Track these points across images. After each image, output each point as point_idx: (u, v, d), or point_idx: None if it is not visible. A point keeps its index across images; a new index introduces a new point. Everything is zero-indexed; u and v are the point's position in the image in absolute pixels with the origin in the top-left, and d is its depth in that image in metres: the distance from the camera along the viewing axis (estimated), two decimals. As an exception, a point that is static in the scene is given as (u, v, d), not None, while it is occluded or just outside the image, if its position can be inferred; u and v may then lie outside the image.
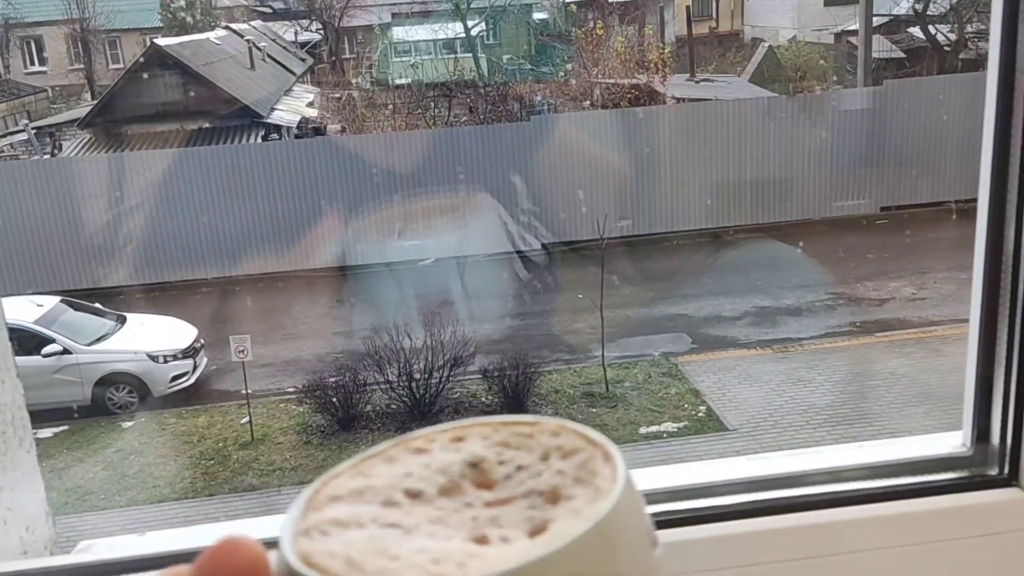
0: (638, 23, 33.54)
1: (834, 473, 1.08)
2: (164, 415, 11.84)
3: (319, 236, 16.99)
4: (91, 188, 16.85)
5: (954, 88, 17.78)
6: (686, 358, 12.43)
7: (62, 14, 36.51)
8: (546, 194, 17.27)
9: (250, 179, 16.99)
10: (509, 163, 17.27)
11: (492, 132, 18.20)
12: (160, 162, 17.19)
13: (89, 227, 16.88)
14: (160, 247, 16.77)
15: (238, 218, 16.91)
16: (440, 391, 11.18)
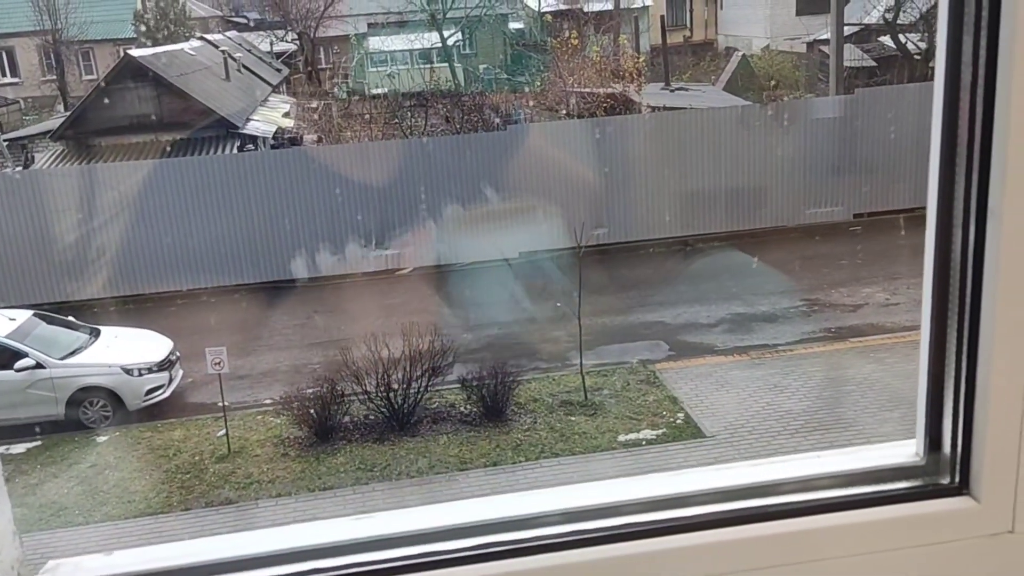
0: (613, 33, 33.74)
1: (797, 483, 1.09)
2: (139, 429, 11.73)
3: (296, 246, 16.92)
4: (64, 201, 16.69)
5: (925, 96, 17.98)
6: (663, 365, 12.48)
7: (34, 25, 36.19)
8: (521, 203, 17.30)
9: (226, 190, 16.90)
10: (485, 172, 17.29)
11: (468, 141, 18.22)
12: (134, 174, 17.07)
13: (62, 240, 16.72)
14: (134, 259, 16.64)
15: (214, 229, 16.81)
16: (418, 401, 11.15)
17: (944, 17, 0.88)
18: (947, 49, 0.87)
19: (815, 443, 10.09)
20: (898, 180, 17.71)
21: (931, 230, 0.94)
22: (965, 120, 0.87)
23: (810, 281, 15.26)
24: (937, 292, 0.94)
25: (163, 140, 20.78)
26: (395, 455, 10.50)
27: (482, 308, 14.67)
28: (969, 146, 0.87)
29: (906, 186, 17.71)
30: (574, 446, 10.44)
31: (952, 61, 0.87)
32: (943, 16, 0.88)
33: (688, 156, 17.68)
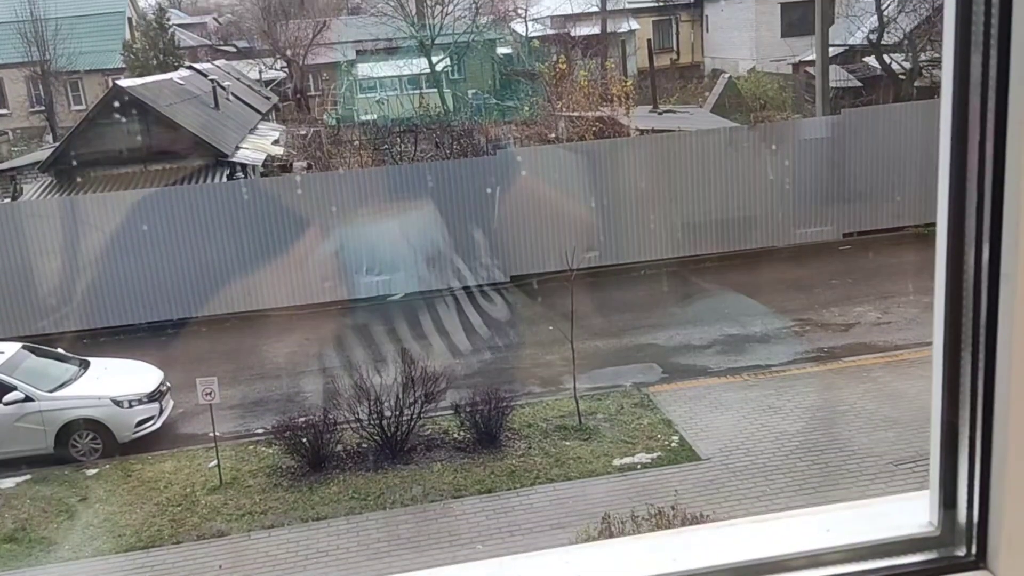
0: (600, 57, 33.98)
1: (805, 558, 1.03)
2: (129, 461, 11.60)
3: (285, 274, 16.87)
4: (52, 232, 16.62)
5: (911, 115, 18.15)
6: (657, 388, 12.44)
7: (22, 56, 36.23)
8: (513, 227, 17.32)
9: (215, 218, 16.86)
10: (475, 197, 17.31)
11: (457, 167, 18.24)
12: (124, 204, 17.02)
13: (51, 271, 16.63)
14: (125, 289, 16.56)
15: (204, 258, 16.75)
16: (411, 428, 11.07)
17: (950, 34, 0.85)
18: (954, 67, 0.85)
19: (810, 464, 10.04)
20: (886, 199, 17.80)
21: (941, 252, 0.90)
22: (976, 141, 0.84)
23: (802, 301, 15.27)
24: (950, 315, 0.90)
25: (152, 170, 20.76)
26: (388, 483, 10.40)
27: (473, 333, 14.62)
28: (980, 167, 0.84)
29: (894, 205, 17.80)
30: (569, 471, 10.36)
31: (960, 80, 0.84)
32: (948, 33, 0.85)
33: (677, 178, 17.74)
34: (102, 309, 16.58)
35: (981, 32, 0.81)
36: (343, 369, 13.33)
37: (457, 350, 13.66)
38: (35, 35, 35.65)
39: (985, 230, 0.85)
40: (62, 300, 16.55)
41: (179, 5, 61.35)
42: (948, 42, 0.84)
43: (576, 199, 17.49)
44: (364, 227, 17.14)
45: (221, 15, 52.11)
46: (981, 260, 0.85)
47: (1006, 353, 0.84)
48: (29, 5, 35.53)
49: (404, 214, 17.18)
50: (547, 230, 17.17)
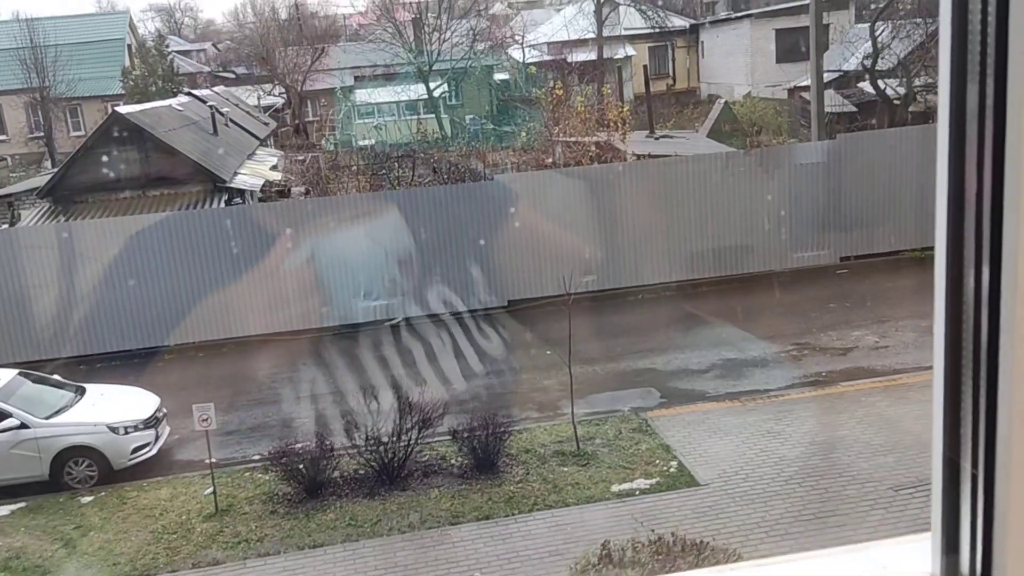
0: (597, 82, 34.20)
1: None
2: (125, 488, 11.51)
3: (284, 299, 16.85)
4: (50, 257, 16.62)
5: (905, 140, 18.25)
6: (655, 413, 12.39)
7: (21, 83, 36.42)
8: (511, 251, 17.34)
9: (214, 243, 16.87)
10: (473, 222, 17.34)
11: (455, 192, 18.29)
12: (122, 229, 17.03)
13: (48, 297, 16.61)
14: (122, 314, 16.53)
15: (202, 283, 16.74)
16: (409, 454, 11.00)
17: (946, 64, 0.85)
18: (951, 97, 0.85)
19: (810, 489, 9.99)
20: (882, 223, 17.86)
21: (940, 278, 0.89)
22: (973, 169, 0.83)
23: (799, 325, 15.27)
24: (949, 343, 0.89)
25: (150, 196, 20.81)
26: (386, 510, 10.33)
27: (470, 358, 14.58)
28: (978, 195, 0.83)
29: (890, 229, 17.86)
30: (567, 497, 10.29)
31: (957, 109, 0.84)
32: (944, 64, 0.86)
33: (674, 203, 17.79)
34: (98, 335, 16.55)
35: (977, 62, 0.81)
36: (340, 395, 13.29)
37: (454, 375, 13.61)
38: (35, 62, 35.88)
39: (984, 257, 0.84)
40: (58, 326, 16.51)
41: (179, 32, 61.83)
42: (944, 72, 0.85)
43: (573, 224, 17.52)
44: (362, 252, 17.15)
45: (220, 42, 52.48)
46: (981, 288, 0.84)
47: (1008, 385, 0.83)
48: (29, 32, 35.79)
49: (401, 240, 17.19)
50: (544, 255, 17.19)
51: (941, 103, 0.86)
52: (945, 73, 0.84)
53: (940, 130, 0.88)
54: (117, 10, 53.44)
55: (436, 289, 17.15)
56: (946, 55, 0.84)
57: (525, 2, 52.65)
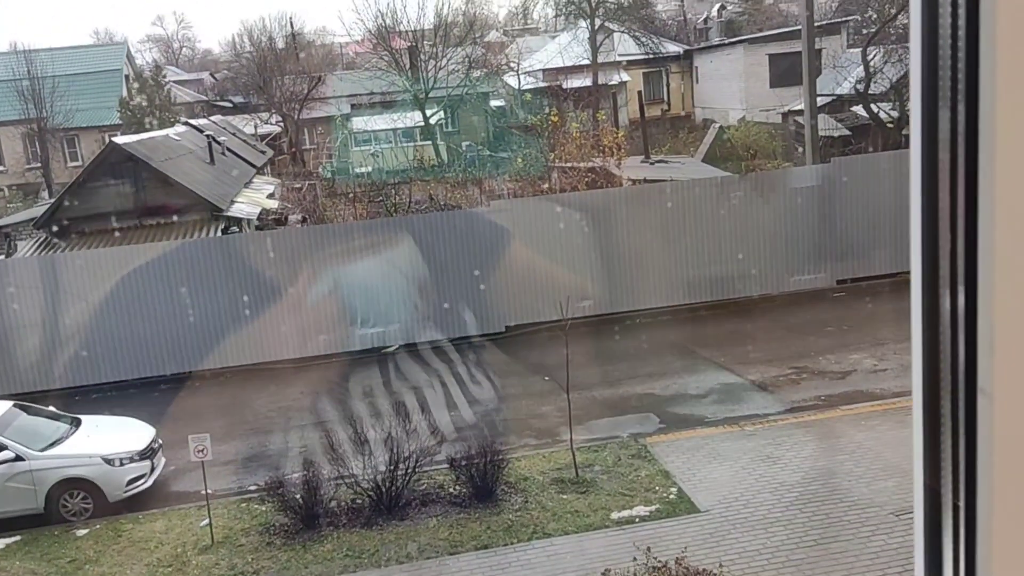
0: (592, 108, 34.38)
1: None
2: (120, 521, 11.42)
3: (281, 328, 16.82)
4: (47, 288, 16.60)
5: (899, 162, 18.32)
6: (654, 438, 12.33)
7: (19, 114, 36.57)
8: (507, 277, 17.34)
9: (210, 272, 16.86)
10: (469, 248, 17.35)
11: (452, 218, 18.32)
12: (119, 259, 17.03)
13: (45, 327, 16.57)
14: (118, 344, 16.48)
15: (199, 312, 16.71)
16: (406, 483, 10.93)
17: (916, 90, 0.84)
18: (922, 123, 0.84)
19: (810, 515, 9.91)
20: (878, 246, 17.88)
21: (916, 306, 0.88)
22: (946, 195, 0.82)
23: (797, 348, 15.24)
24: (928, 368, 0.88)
25: (147, 225, 20.82)
26: (383, 540, 10.24)
27: (468, 385, 14.53)
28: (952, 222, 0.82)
29: (886, 252, 17.86)
30: (567, 525, 10.21)
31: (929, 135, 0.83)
32: (915, 90, 0.85)
33: (671, 227, 17.82)
34: (94, 365, 16.49)
35: (948, 88, 0.81)
36: (337, 423, 13.21)
37: (452, 402, 13.56)
38: (32, 93, 36.05)
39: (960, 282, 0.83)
40: (52, 357, 16.45)
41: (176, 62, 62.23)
42: (915, 98, 0.84)
43: (569, 250, 17.54)
44: (358, 279, 17.14)
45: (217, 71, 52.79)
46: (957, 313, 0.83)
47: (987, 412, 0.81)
48: (27, 63, 35.99)
49: (398, 265, 17.20)
50: (541, 280, 17.18)
51: (913, 129, 0.85)
52: (916, 99, 0.84)
53: (912, 156, 0.87)
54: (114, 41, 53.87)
55: (433, 315, 17.13)
56: (917, 81, 0.84)
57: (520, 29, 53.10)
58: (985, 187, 0.78)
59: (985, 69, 0.76)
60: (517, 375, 15.25)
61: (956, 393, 0.84)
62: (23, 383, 16.05)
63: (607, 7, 41.10)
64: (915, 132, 0.85)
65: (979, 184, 0.78)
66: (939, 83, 0.81)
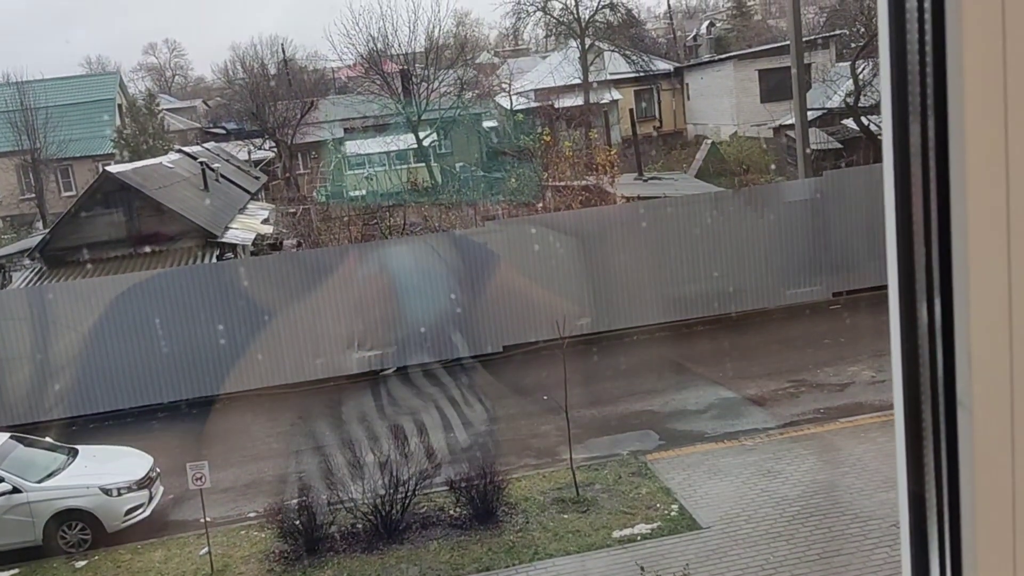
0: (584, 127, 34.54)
1: None
2: (119, 551, 11.34)
3: (275, 353, 16.79)
4: (41, 318, 16.57)
5: (891, 174, 18.38)
6: (654, 455, 12.29)
7: (12, 145, 36.65)
8: (503, 298, 17.34)
9: (206, 299, 16.84)
10: (464, 269, 17.36)
11: (445, 239, 18.33)
12: (114, 288, 17.01)
13: (40, 358, 16.53)
14: (115, 373, 16.43)
15: (194, 340, 16.67)
16: (407, 507, 10.87)
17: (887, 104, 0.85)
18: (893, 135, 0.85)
19: (812, 529, 9.87)
20: (872, 258, 17.88)
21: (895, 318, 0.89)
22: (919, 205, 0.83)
23: (795, 362, 15.23)
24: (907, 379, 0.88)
25: (142, 253, 20.83)
26: (384, 564, 10.17)
27: (466, 406, 14.50)
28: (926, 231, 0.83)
29: (880, 263, 17.67)
30: (568, 545, 10.16)
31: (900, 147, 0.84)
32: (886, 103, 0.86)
33: (665, 244, 17.86)
34: (91, 395, 16.43)
35: (918, 102, 0.82)
36: (336, 448, 13.15)
37: (450, 424, 13.52)
38: (25, 124, 36.14)
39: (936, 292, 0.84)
40: (49, 387, 16.39)
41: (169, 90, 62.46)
42: (886, 111, 0.85)
43: (564, 269, 17.56)
44: (353, 302, 17.13)
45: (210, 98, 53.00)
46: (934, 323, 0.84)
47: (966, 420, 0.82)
48: (19, 94, 36.11)
49: (393, 288, 17.19)
50: (537, 300, 17.18)
51: (885, 142, 0.86)
52: (887, 112, 0.85)
53: (885, 168, 0.88)
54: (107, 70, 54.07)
55: (429, 338, 17.11)
56: (887, 95, 0.85)
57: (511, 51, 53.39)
58: (957, 198, 0.79)
59: (953, 82, 0.77)
60: (515, 395, 15.21)
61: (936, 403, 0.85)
62: (18, 414, 15.98)
63: (596, 27, 41.37)
64: (887, 145, 0.86)
65: (951, 195, 0.79)
66: (908, 97, 0.82)
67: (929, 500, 0.87)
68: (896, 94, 0.84)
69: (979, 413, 0.80)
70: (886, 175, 0.88)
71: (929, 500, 0.87)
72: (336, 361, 16.93)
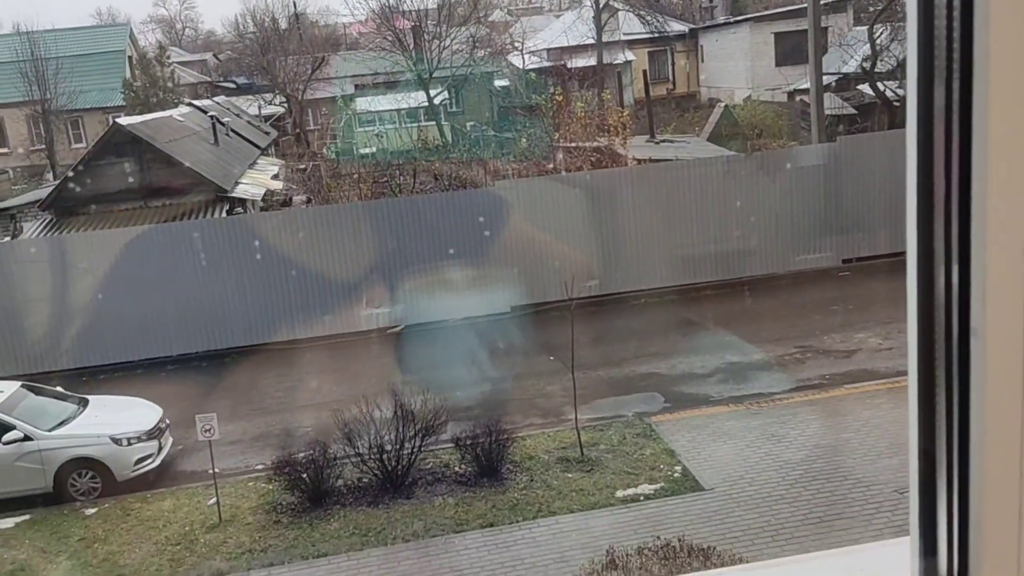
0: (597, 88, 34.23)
1: None
2: (128, 500, 11.51)
3: (287, 307, 16.87)
4: (51, 269, 16.65)
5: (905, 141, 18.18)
6: (659, 417, 12.37)
7: (23, 96, 36.53)
8: (513, 257, 17.34)
9: (215, 254, 16.89)
10: (475, 229, 17.35)
11: (456, 199, 18.30)
12: (123, 240, 17.06)
13: (51, 308, 16.64)
14: (124, 325, 16.54)
15: (203, 294, 16.75)
16: (412, 462, 10.99)
17: (913, 66, 0.85)
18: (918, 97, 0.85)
19: (815, 493, 9.96)
20: (883, 225, 17.81)
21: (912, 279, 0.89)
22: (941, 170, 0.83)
23: (803, 327, 15.24)
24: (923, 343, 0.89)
25: (152, 206, 20.85)
26: (390, 518, 10.31)
27: (474, 364, 14.58)
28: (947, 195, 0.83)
29: (892, 230, 17.79)
30: (572, 504, 10.27)
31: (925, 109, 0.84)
32: (912, 64, 0.86)
33: (676, 207, 17.79)
34: (101, 346, 16.56)
35: (944, 64, 0.81)
36: (343, 403, 13.28)
37: (457, 382, 13.61)
38: (36, 74, 35.99)
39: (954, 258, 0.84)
40: (61, 338, 16.53)
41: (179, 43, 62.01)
42: (911, 73, 0.85)
43: (574, 229, 17.52)
44: (362, 259, 17.16)
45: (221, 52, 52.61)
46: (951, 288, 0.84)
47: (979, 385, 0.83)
48: (30, 45, 35.91)
49: (402, 245, 17.20)
50: (547, 260, 17.17)
51: (909, 104, 0.86)
52: (912, 74, 0.85)
53: (908, 131, 0.88)
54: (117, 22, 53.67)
55: (438, 295, 17.14)
56: (913, 56, 0.84)
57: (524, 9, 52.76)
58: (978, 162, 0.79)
59: (979, 43, 0.77)
60: (522, 355, 15.28)
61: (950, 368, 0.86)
62: (30, 363, 16.13)
63: (611, -15, 40.79)
64: (911, 107, 0.86)
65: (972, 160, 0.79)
66: (934, 58, 0.82)
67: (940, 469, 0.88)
68: (922, 55, 0.83)
69: (992, 381, 0.81)
70: (909, 138, 0.88)
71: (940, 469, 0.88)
72: (345, 318, 17.00)
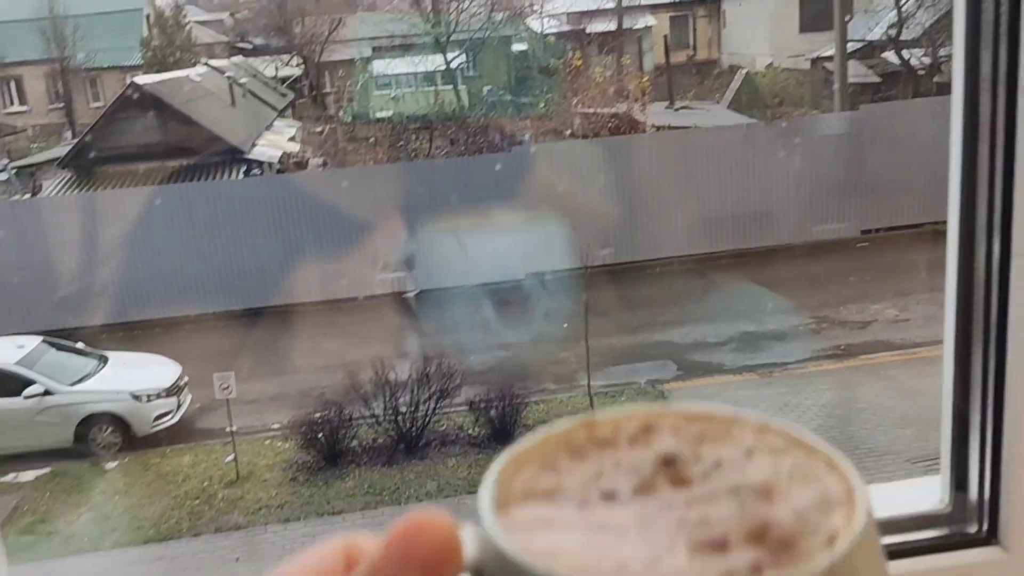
0: (616, 53, 33.89)
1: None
2: (148, 455, 11.70)
3: (302, 271, 16.95)
4: (71, 227, 16.77)
5: (929, 111, 17.98)
6: (672, 385, 12.42)
7: (41, 54, 36.50)
8: (528, 224, 17.31)
9: (232, 215, 16.96)
10: (490, 194, 17.32)
11: (473, 164, 18.26)
12: (141, 200, 17.15)
13: (70, 266, 16.78)
14: (142, 285, 16.68)
15: (221, 254, 16.85)
16: (426, 424, 11.11)
17: (960, 31, 0.86)
18: (965, 64, 0.85)
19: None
20: (905, 195, 17.64)
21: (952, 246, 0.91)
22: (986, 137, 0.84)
23: (819, 298, 15.20)
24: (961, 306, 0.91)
25: (169, 166, 20.90)
26: (404, 479, 10.45)
27: (489, 329, 14.64)
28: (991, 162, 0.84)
29: (913, 201, 17.65)
30: (584, 467, 10.35)
31: (971, 76, 0.85)
32: (959, 30, 0.86)
33: (694, 175, 17.68)
34: (121, 304, 16.71)
35: (991, 30, 0.82)
36: (359, 365, 13.38)
37: (470, 346, 13.68)
38: (54, 32, 35.93)
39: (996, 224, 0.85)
40: (81, 295, 16.68)
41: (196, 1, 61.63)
42: (959, 40, 0.85)
43: (590, 196, 17.46)
44: (377, 223, 17.19)
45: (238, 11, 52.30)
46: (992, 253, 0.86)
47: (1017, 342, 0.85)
48: (49, 3, 35.82)
49: (417, 209, 17.20)
50: (562, 227, 17.13)
51: (955, 72, 0.86)
52: (959, 40, 0.85)
53: (954, 100, 0.89)
54: (136, -20, 53.32)
55: (452, 260, 17.17)
56: (960, 22, 0.85)
57: (544, -29, 52.03)
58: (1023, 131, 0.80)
59: (1029, 11, 0.78)
60: (535, 321, 15.32)
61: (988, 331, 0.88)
62: (50, 320, 16.29)
63: (633, -52, 40.18)
64: (957, 75, 0.87)
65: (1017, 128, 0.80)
66: (982, 26, 0.83)
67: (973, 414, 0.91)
68: (970, 20, 0.84)
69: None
70: (954, 107, 0.89)
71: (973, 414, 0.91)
72: (360, 281, 17.06)
